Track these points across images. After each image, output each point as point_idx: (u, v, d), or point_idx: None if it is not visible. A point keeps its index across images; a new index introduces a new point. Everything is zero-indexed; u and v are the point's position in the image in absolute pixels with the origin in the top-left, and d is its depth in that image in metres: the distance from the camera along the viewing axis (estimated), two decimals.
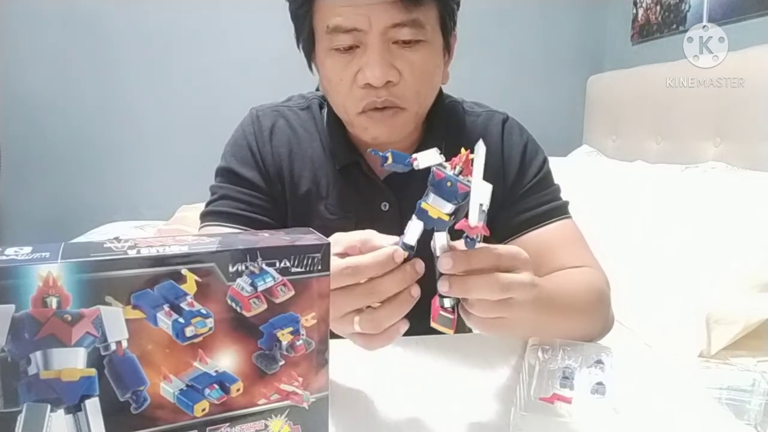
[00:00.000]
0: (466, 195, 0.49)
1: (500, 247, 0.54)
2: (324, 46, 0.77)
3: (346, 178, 0.85)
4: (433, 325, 0.55)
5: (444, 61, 0.82)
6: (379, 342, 0.55)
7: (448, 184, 0.49)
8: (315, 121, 0.89)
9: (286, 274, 0.44)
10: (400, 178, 0.85)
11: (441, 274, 0.52)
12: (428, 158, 0.51)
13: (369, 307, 0.54)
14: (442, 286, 0.52)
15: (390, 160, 0.51)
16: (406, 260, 0.53)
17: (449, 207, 0.50)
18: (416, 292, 0.53)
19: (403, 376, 0.68)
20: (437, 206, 0.50)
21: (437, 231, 0.51)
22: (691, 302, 1.11)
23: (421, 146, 0.86)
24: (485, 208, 0.49)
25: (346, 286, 0.52)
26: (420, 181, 0.85)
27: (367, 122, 0.78)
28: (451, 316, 0.54)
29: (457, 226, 0.50)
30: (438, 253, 0.52)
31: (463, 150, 0.50)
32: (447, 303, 0.53)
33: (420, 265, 0.53)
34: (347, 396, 0.63)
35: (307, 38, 0.80)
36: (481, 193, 0.49)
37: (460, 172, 0.50)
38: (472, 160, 0.50)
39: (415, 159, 0.51)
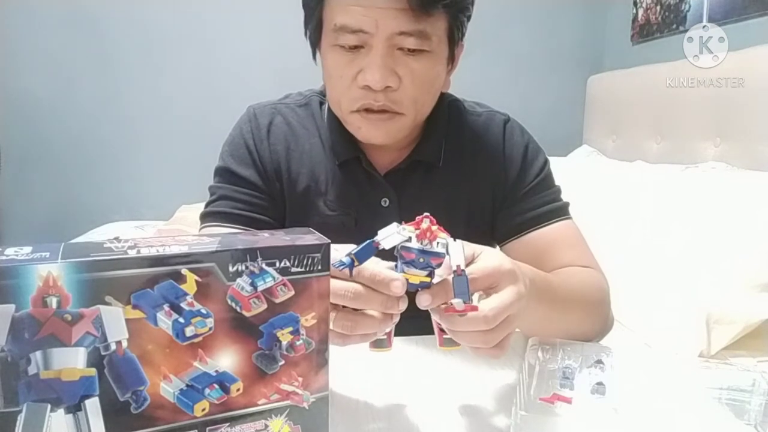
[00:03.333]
0: (441, 263, 0.50)
1: (475, 270, 0.53)
2: (329, 41, 0.77)
3: (346, 173, 0.85)
4: (441, 349, 0.56)
5: (447, 70, 0.82)
6: (349, 342, 0.54)
7: (421, 260, 0.50)
8: (314, 117, 0.89)
9: (286, 274, 0.44)
10: (400, 173, 0.86)
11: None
12: (391, 239, 0.50)
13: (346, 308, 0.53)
14: (434, 316, 0.53)
15: (357, 262, 0.50)
16: None
17: (426, 272, 0.51)
18: (396, 319, 0.54)
19: (403, 376, 0.68)
20: (415, 274, 0.51)
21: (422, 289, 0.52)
22: (691, 302, 1.11)
23: (419, 146, 0.86)
24: (463, 267, 0.50)
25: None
26: (420, 178, 0.86)
27: (361, 122, 0.78)
28: None
29: (446, 311, 0.51)
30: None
31: (425, 223, 0.50)
32: None
33: (404, 304, 0.52)
34: (347, 396, 0.63)
35: (314, 28, 0.80)
36: (456, 259, 0.50)
37: (428, 242, 0.50)
38: (432, 227, 0.50)
39: (379, 243, 0.50)
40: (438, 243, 0.50)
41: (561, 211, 0.87)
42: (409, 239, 0.50)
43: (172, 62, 2.30)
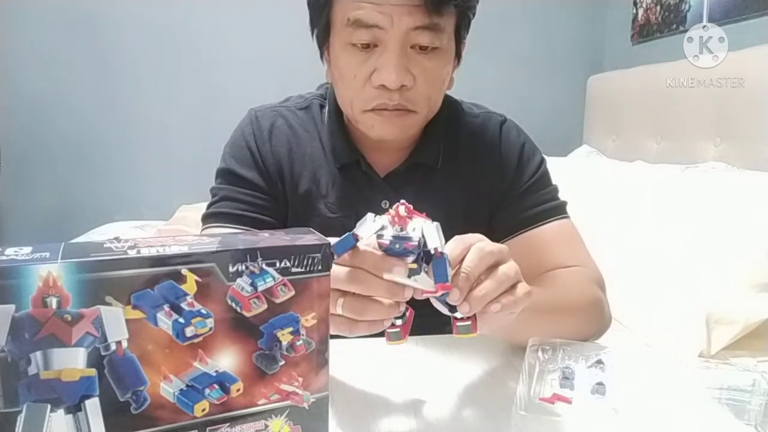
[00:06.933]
0: (418, 246, 0.50)
1: (487, 245, 0.54)
2: (341, 39, 0.76)
3: (346, 176, 0.85)
4: (457, 337, 0.55)
5: (453, 67, 0.83)
6: (357, 329, 0.53)
7: (396, 246, 0.50)
8: (315, 120, 0.89)
9: (286, 274, 0.44)
10: (399, 175, 0.86)
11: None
12: (366, 228, 0.51)
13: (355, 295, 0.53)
14: (463, 308, 0.52)
15: (336, 255, 0.50)
16: None
17: (410, 258, 0.51)
18: (403, 307, 0.53)
19: (403, 376, 0.68)
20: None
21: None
22: (691, 302, 1.11)
23: (419, 146, 0.86)
24: (441, 248, 0.50)
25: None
26: (419, 179, 0.86)
27: (374, 120, 0.78)
28: (468, 323, 0.55)
29: (424, 296, 0.51)
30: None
31: (392, 210, 0.51)
32: (459, 314, 0.54)
33: (409, 292, 0.52)
34: (347, 396, 0.63)
35: (322, 28, 0.80)
36: (432, 242, 0.50)
37: (402, 228, 0.50)
38: (400, 209, 0.50)
39: (357, 235, 0.51)
40: (413, 228, 0.50)
41: (557, 210, 0.87)
42: (384, 228, 0.50)
43: (172, 62, 2.30)
